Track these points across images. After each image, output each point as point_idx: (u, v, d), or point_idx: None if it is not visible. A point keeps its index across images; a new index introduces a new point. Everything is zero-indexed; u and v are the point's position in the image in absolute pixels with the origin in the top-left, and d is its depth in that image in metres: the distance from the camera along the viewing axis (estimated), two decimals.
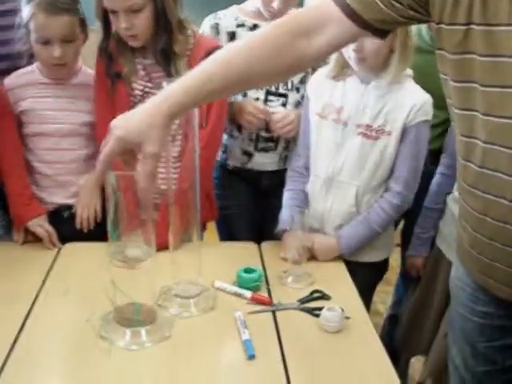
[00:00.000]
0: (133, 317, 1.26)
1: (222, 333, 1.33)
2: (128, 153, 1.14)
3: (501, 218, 1.11)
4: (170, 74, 1.66)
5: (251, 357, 1.23)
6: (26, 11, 1.67)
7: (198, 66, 1.16)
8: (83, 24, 1.73)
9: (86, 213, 1.78)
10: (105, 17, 1.65)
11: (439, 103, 1.40)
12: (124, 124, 1.14)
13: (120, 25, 1.60)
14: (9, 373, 1.17)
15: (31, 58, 1.79)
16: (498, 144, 1.05)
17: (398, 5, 1.07)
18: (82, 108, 1.79)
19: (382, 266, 1.83)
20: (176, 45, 1.66)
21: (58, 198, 1.81)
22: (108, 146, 1.13)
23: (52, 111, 1.77)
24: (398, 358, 2.01)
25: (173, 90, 1.14)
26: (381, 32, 1.15)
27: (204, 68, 1.16)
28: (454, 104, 1.12)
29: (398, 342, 1.97)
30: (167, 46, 1.66)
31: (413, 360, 2.14)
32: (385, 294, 2.31)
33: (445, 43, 1.07)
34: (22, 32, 1.69)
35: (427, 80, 1.53)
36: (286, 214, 1.72)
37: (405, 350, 2.03)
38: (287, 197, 1.76)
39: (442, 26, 1.05)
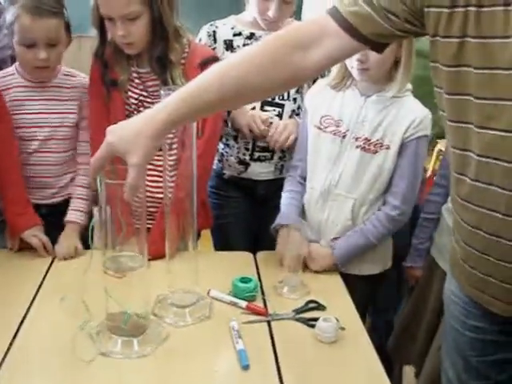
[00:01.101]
0: (121, 325, 1.25)
1: (217, 342, 1.32)
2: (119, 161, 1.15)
3: (494, 231, 1.11)
4: (165, 83, 1.66)
5: (245, 367, 1.22)
6: (9, 13, 1.65)
7: (196, 78, 1.16)
8: (68, 28, 1.72)
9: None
10: (101, 24, 1.65)
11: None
12: (117, 131, 1.14)
13: (117, 32, 1.60)
14: (3, 377, 1.17)
15: (14, 61, 1.79)
16: (493, 157, 1.05)
17: (394, 18, 1.08)
18: (63, 109, 1.78)
19: (378, 279, 1.83)
20: (172, 53, 1.66)
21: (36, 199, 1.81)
22: (98, 151, 1.14)
23: (32, 114, 1.76)
24: (392, 366, 2.01)
25: (170, 101, 1.15)
26: (378, 45, 1.16)
27: (201, 80, 1.16)
28: (448, 117, 1.12)
29: (390, 349, 1.97)
30: (163, 55, 1.66)
31: (407, 369, 2.14)
32: None
33: (439, 56, 1.07)
34: (5, 35, 1.70)
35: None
36: (283, 211, 1.73)
37: (397, 358, 2.03)
38: (285, 196, 1.77)
39: (437, 38, 1.05)
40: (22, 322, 1.37)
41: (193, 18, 1.77)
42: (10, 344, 1.28)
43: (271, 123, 1.86)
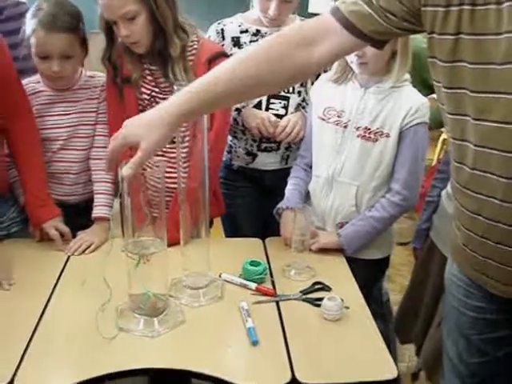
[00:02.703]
0: (141, 306, 1.35)
1: (229, 321, 1.42)
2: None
3: (493, 216, 1.17)
4: (166, 77, 1.74)
5: (255, 343, 1.31)
6: (29, 26, 1.73)
7: (206, 74, 1.25)
8: (83, 41, 1.80)
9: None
10: (108, 28, 1.73)
11: None
12: (132, 123, 1.24)
13: (120, 33, 1.68)
14: (31, 354, 1.27)
15: (35, 72, 1.86)
16: (489, 147, 1.11)
17: (392, 17, 1.15)
18: (82, 109, 1.87)
19: (382, 263, 1.91)
20: (172, 48, 1.72)
21: (57, 195, 1.89)
22: (112, 143, 1.23)
23: (55, 116, 1.85)
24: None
25: (181, 95, 1.24)
26: (378, 42, 1.23)
27: (211, 75, 1.24)
28: (446, 109, 1.18)
29: (394, 328, 2.06)
30: (163, 50, 1.73)
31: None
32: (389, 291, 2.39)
33: (436, 52, 1.14)
34: (27, 47, 1.76)
35: None
36: (287, 196, 1.82)
37: (399, 336, 2.12)
38: (290, 183, 1.86)
39: (434, 35, 1.12)
40: (47, 303, 1.47)
41: (204, 17, 1.85)
42: (37, 323, 1.38)
43: (277, 121, 1.93)
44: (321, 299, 1.46)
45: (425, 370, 1.93)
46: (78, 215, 1.89)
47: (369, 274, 1.83)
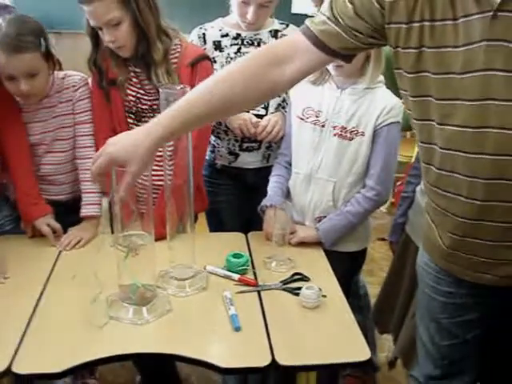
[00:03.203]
0: (130, 295, 1.44)
1: (213, 309, 1.50)
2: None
3: (459, 212, 1.27)
4: (151, 80, 1.81)
5: (237, 329, 1.40)
6: None
7: (185, 95, 1.33)
8: (47, 55, 1.77)
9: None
10: (93, 33, 1.80)
11: None
12: (117, 142, 1.31)
13: (105, 38, 1.76)
14: (27, 341, 1.36)
15: None
16: (453, 149, 1.21)
17: (359, 34, 1.24)
18: (60, 112, 1.89)
19: (359, 256, 2.00)
20: (155, 52, 1.79)
21: (47, 195, 1.95)
22: (98, 160, 1.31)
23: (35, 123, 1.88)
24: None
25: (163, 117, 1.32)
26: (346, 56, 1.33)
27: (190, 96, 1.33)
28: (413, 115, 1.28)
29: (373, 318, 2.16)
30: (146, 54, 1.80)
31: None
32: (369, 285, 2.48)
33: (402, 64, 1.23)
34: None
35: None
36: (269, 193, 1.91)
37: (377, 327, 2.22)
38: (272, 180, 1.95)
39: (399, 49, 1.22)
40: (40, 295, 1.55)
41: (186, 21, 1.91)
42: (32, 314, 1.46)
43: (258, 121, 2.01)
44: (300, 288, 1.55)
45: (401, 357, 2.02)
46: (68, 213, 1.95)
47: (346, 266, 1.92)
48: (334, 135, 1.80)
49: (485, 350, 1.55)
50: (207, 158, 2.12)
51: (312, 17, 1.30)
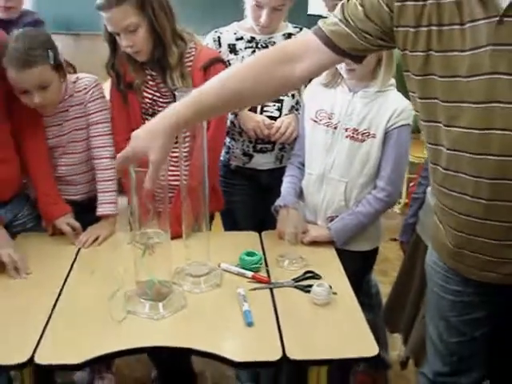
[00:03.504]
0: (146, 291, 1.50)
1: (226, 305, 1.56)
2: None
3: (465, 211, 1.32)
4: (166, 83, 1.87)
5: (250, 324, 1.46)
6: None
7: (200, 87, 1.39)
8: (57, 66, 1.81)
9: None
10: (111, 38, 1.87)
11: None
12: (137, 135, 1.38)
13: (123, 44, 1.83)
14: (48, 335, 1.42)
15: None
16: (459, 150, 1.25)
17: (368, 36, 1.29)
18: (74, 115, 1.95)
19: (370, 255, 2.04)
20: (170, 56, 1.86)
21: (65, 195, 2.01)
22: (124, 151, 1.37)
23: (51, 127, 1.95)
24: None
25: (177, 106, 1.38)
26: (356, 57, 1.38)
27: (203, 88, 1.39)
28: (421, 117, 1.33)
29: (383, 317, 2.20)
30: (162, 58, 1.87)
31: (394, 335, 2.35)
32: (382, 284, 2.51)
33: (410, 66, 1.28)
34: None
35: None
36: (283, 194, 1.96)
37: (388, 326, 2.25)
38: (285, 181, 1.99)
39: (407, 52, 1.27)
40: (61, 290, 1.62)
41: (199, 23, 1.97)
42: (53, 307, 1.53)
43: (272, 123, 2.06)
44: (311, 286, 1.59)
45: (412, 357, 2.05)
46: (84, 212, 2.01)
47: (358, 265, 1.96)
48: (346, 137, 1.84)
49: (492, 348, 1.59)
50: (222, 158, 2.17)
51: (326, 18, 1.35)
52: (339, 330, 1.48)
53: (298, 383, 1.69)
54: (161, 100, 1.93)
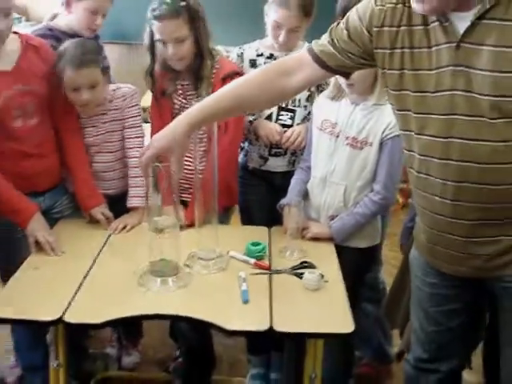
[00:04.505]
0: (163, 269, 1.75)
1: (228, 285, 1.79)
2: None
3: (435, 210, 1.50)
4: (199, 93, 2.12)
5: (245, 301, 1.69)
6: (58, 66, 2.04)
7: (214, 93, 1.66)
8: (104, 70, 2.12)
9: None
10: (152, 48, 2.15)
11: None
12: (157, 137, 1.65)
13: (169, 52, 2.10)
14: (79, 299, 1.70)
15: None
16: (428, 155, 1.45)
17: (352, 56, 1.52)
18: (111, 118, 2.21)
19: (369, 252, 2.23)
20: (205, 68, 2.14)
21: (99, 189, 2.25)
22: (147, 153, 1.64)
23: (90, 127, 2.21)
24: None
25: (195, 108, 1.64)
26: (343, 73, 1.61)
27: (218, 93, 1.66)
28: (399, 126, 1.55)
29: (383, 313, 2.38)
30: (198, 69, 2.14)
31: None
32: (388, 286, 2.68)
33: (388, 83, 1.50)
34: None
35: None
36: (288, 194, 2.18)
37: (388, 323, 2.44)
38: (292, 182, 2.22)
39: (385, 70, 1.49)
40: (92, 265, 1.90)
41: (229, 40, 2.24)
42: (85, 276, 1.82)
43: (285, 132, 2.30)
44: None
45: (407, 351, 2.21)
46: (115, 204, 2.26)
47: (357, 260, 2.15)
48: (347, 144, 2.05)
49: (469, 337, 1.76)
50: (241, 161, 2.42)
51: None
52: (323, 310, 1.68)
53: (297, 356, 1.95)
54: (187, 106, 2.13)
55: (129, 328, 2.65)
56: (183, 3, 2.04)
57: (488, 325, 1.88)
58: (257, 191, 2.46)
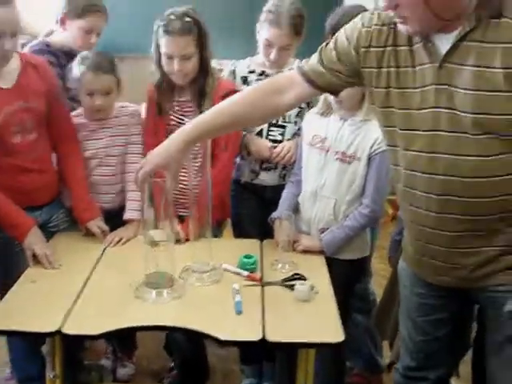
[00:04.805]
0: (158, 281, 1.80)
1: (222, 297, 1.83)
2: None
3: (420, 222, 1.56)
4: (201, 110, 2.15)
5: (239, 312, 1.73)
6: (77, 70, 2.18)
7: (208, 110, 1.71)
8: (118, 81, 2.23)
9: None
10: (160, 63, 2.21)
11: None
12: (153, 155, 1.70)
13: (174, 67, 2.16)
14: (76, 310, 1.74)
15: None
16: (413, 170, 1.51)
17: (340, 75, 1.59)
18: (115, 133, 2.29)
19: (358, 263, 2.28)
20: (208, 85, 2.21)
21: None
22: (142, 169, 1.69)
23: (92, 140, 2.29)
24: None
25: (191, 124, 1.70)
26: (332, 91, 1.67)
27: (213, 110, 1.71)
28: (385, 142, 1.61)
29: (373, 324, 2.44)
30: (202, 86, 2.22)
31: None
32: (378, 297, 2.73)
33: (375, 100, 1.56)
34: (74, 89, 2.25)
35: None
36: (279, 207, 2.24)
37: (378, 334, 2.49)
38: (283, 196, 2.28)
39: (372, 88, 1.55)
40: (88, 277, 1.94)
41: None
42: (81, 290, 1.85)
43: (275, 147, 2.37)
44: None
45: (397, 362, 2.26)
46: (112, 218, 2.31)
47: (347, 272, 2.20)
48: (336, 159, 2.10)
49: (455, 346, 1.80)
50: (233, 175, 2.47)
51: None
52: (314, 320, 1.73)
53: (289, 366, 2.00)
54: (184, 122, 2.20)
55: (123, 340, 2.69)
56: (190, 19, 2.12)
57: (476, 333, 1.94)
58: (248, 205, 2.52)
